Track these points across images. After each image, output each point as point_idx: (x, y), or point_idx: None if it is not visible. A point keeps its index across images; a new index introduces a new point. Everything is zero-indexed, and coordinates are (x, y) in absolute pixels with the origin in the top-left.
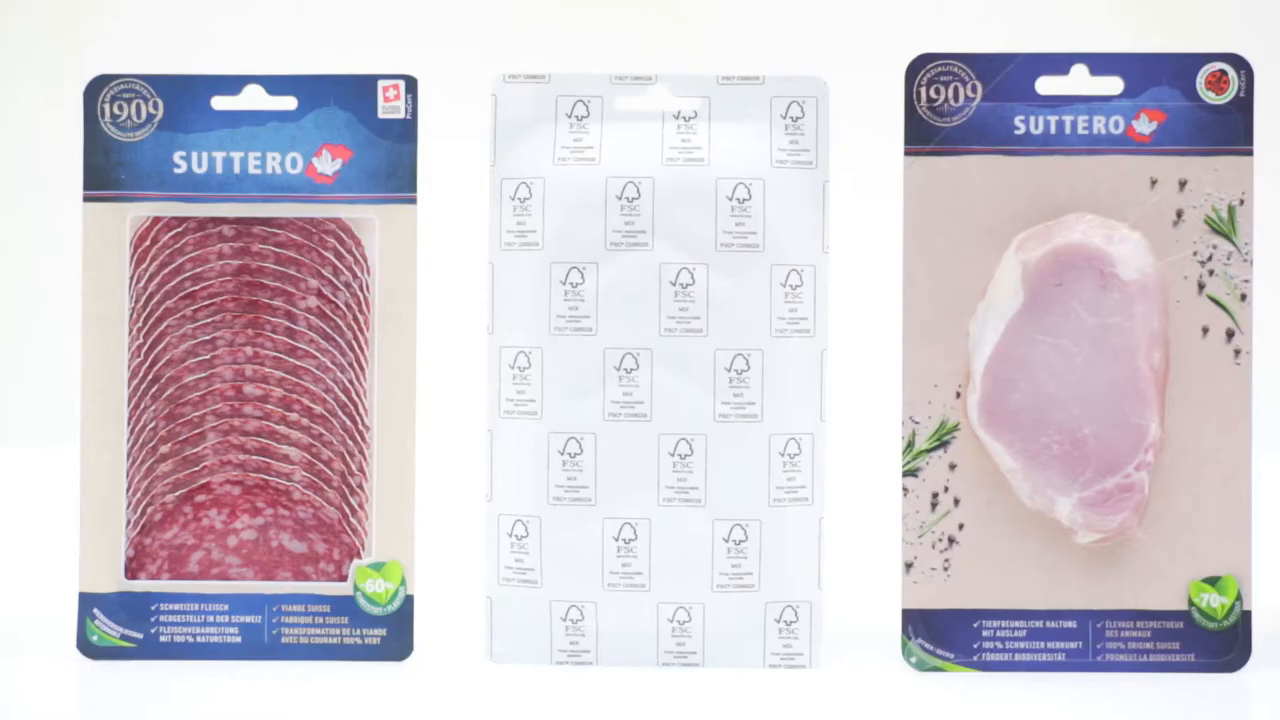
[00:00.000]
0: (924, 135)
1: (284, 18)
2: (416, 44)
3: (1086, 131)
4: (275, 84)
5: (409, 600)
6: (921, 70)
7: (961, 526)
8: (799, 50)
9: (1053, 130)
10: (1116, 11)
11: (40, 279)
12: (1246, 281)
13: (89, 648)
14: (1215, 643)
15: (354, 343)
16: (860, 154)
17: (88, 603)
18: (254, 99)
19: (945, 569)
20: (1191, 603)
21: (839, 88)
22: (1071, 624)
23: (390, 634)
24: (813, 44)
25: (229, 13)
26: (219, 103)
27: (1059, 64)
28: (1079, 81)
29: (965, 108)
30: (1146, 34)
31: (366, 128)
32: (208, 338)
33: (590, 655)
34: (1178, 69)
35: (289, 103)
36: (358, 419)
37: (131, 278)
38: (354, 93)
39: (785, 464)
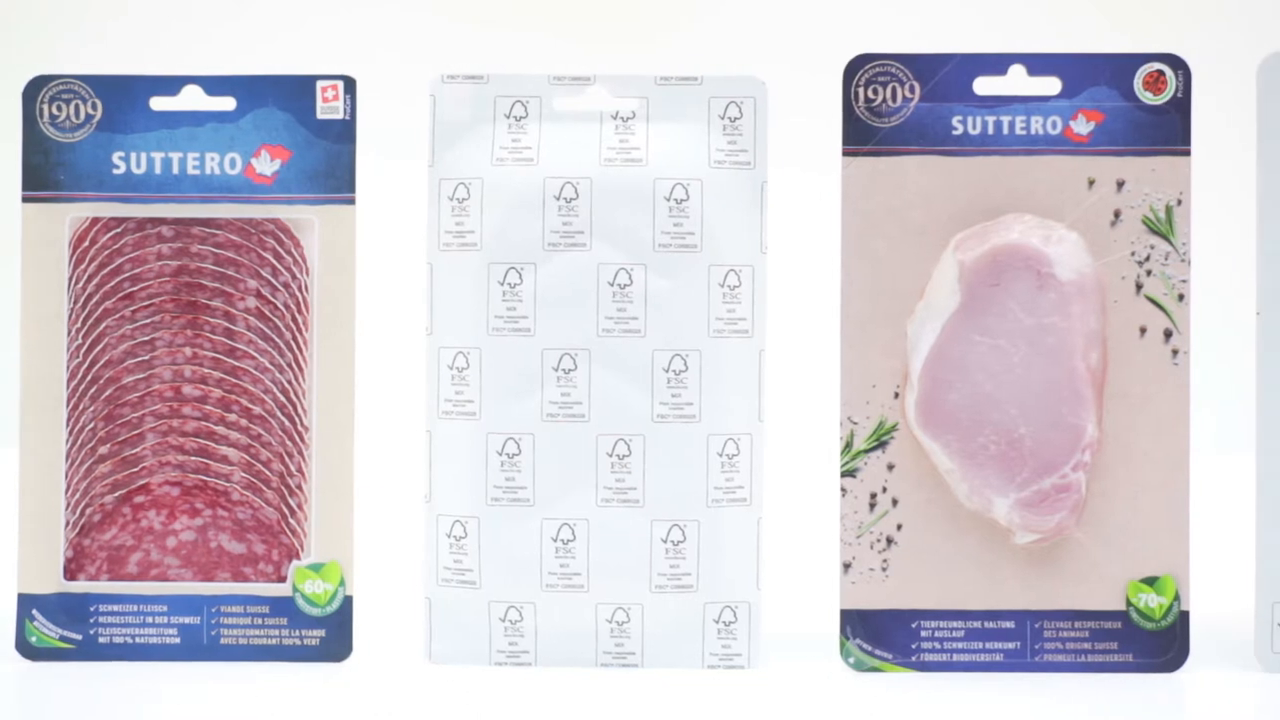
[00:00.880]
0: (862, 136)
1: (222, 18)
2: (355, 45)
3: (1024, 132)
4: (214, 84)
5: (348, 601)
6: (859, 71)
7: (900, 527)
8: (737, 51)
9: (990, 131)
10: (1054, 12)
11: None
12: (1184, 282)
13: (28, 649)
14: (1153, 643)
15: (293, 343)
16: (798, 154)
17: (26, 604)
18: (193, 99)
19: (883, 569)
20: (1129, 603)
21: (777, 88)
22: (1010, 624)
23: (329, 635)
24: (751, 44)
25: (167, 13)
26: (158, 103)
27: (997, 64)
28: (1017, 82)
29: (903, 108)
30: (1084, 34)
31: (305, 128)
32: (146, 338)
33: (529, 656)
34: (1115, 69)
35: (228, 103)
36: (297, 419)
37: (70, 278)
38: (292, 93)
39: (723, 464)
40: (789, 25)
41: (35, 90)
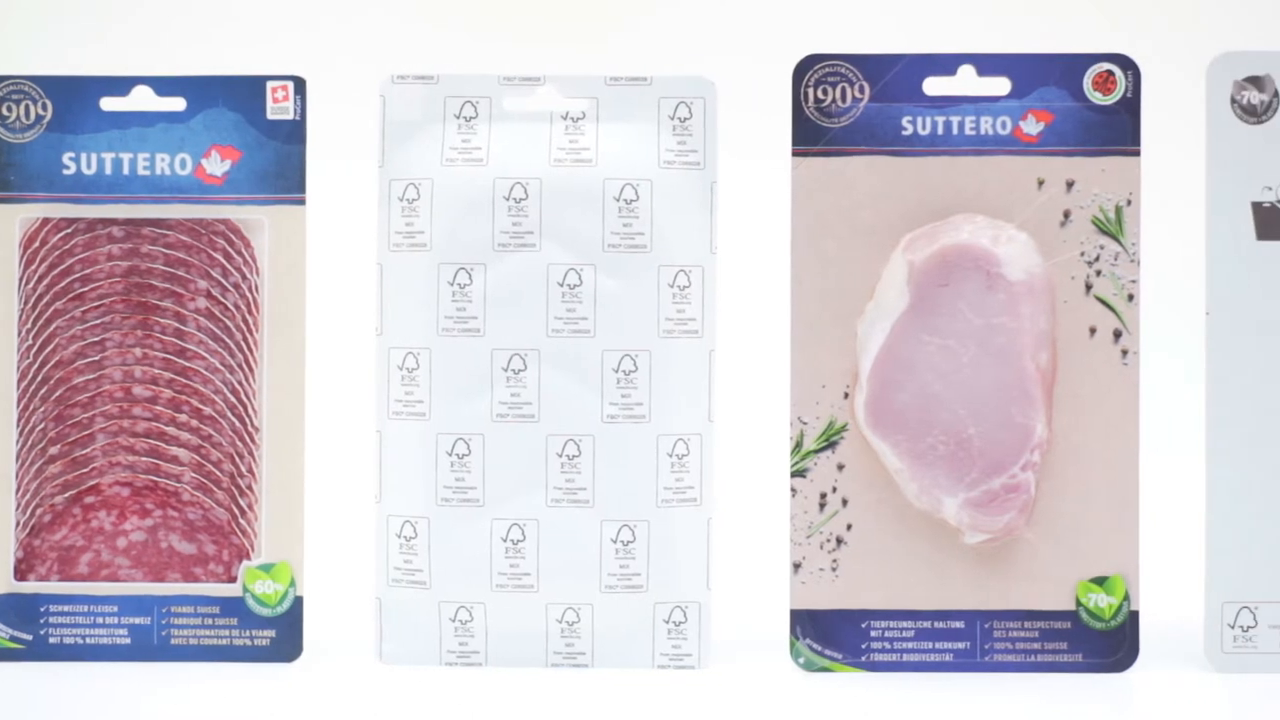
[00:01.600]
0: (812, 136)
1: (172, 19)
2: (305, 45)
3: (974, 132)
4: (164, 85)
5: (298, 601)
6: (809, 71)
7: (850, 527)
8: (686, 51)
9: (940, 131)
10: (1003, 12)
11: None
12: (1134, 282)
13: None
14: (1103, 642)
15: (243, 344)
16: (748, 154)
17: None
18: (143, 100)
19: (833, 569)
20: (1079, 603)
21: (726, 88)
22: (959, 624)
23: (279, 635)
24: (700, 45)
25: (117, 13)
26: (108, 104)
27: (946, 65)
28: (966, 82)
29: (853, 108)
30: (1034, 35)
31: (255, 129)
32: (97, 339)
33: (479, 656)
34: (1065, 70)
35: (178, 104)
36: (247, 420)
37: (20, 279)
38: (243, 94)
39: (673, 464)
40: (738, 25)
41: None
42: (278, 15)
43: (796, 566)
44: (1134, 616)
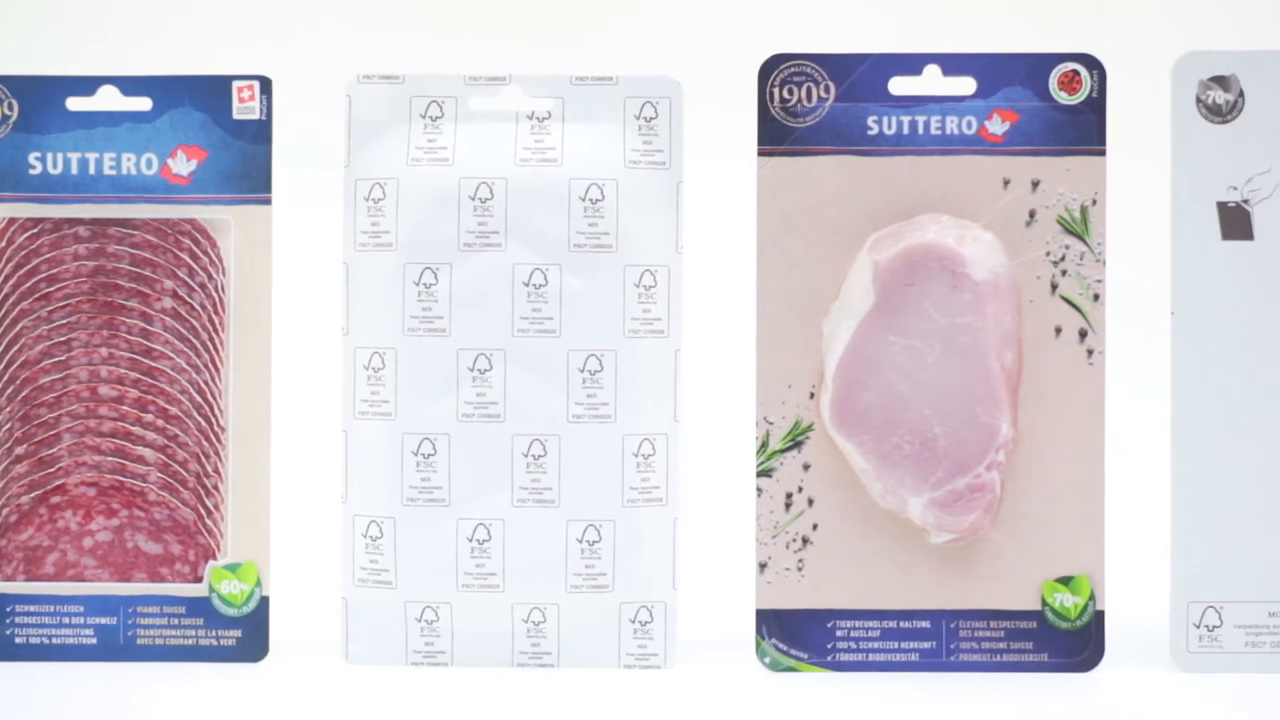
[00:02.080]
0: (777, 136)
1: (138, 18)
2: (271, 45)
3: (939, 132)
4: (130, 85)
5: (264, 601)
6: (774, 71)
7: (815, 527)
8: (652, 51)
9: (906, 131)
10: (969, 12)
11: None
12: (1099, 281)
13: None
14: (1068, 642)
15: (209, 343)
16: (714, 154)
17: None
18: (109, 100)
19: (799, 569)
20: (1045, 602)
21: (692, 88)
22: (925, 624)
23: (245, 635)
24: (666, 44)
25: (84, 13)
26: (74, 104)
27: (912, 64)
28: (932, 82)
29: (818, 108)
30: (999, 34)
31: (221, 128)
32: (63, 339)
33: (445, 656)
34: (1030, 69)
35: (144, 103)
36: (213, 420)
37: None
38: (209, 93)
39: (639, 464)
40: (704, 25)
41: None
42: (244, 15)
43: (762, 566)
44: (1099, 616)
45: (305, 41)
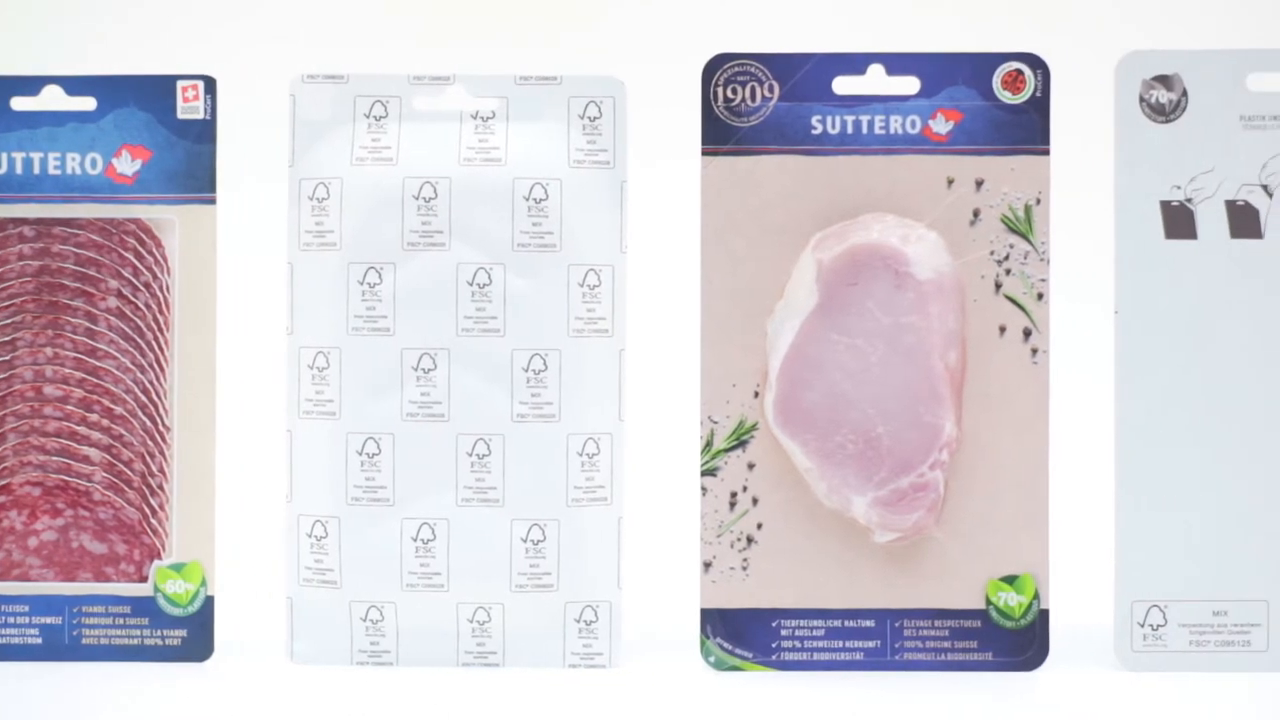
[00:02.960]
0: (721, 135)
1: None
2: (215, 44)
3: (883, 131)
4: (74, 85)
5: (209, 601)
6: (718, 70)
7: (760, 526)
8: (596, 50)
9: (850, 130)
10: (912, 11)
11: None
12: (1043, 281)
13: None
14: (1013, 641)
15: (154, 343)
16: (658, 154)
17: None
18: (53, 100)
19: (744, 568)
20: (989, 601)
21: (636, 87)
22: (870, 623)
23: (191, 635)
24: (610, 44)
25: (27, 12)
26: (18, 103)
27: (856, 64)
28: (876, 81)
29: (762, 108)
30: (943, 34)
31: (166, 128)
32: (7, 338)
33: (390, 655)
34: (974, 69)
35: (88, 103)
36: (158, 419)
37: None
38: (153, 93)
39: (584, 464)
40: (648, 24)
41: None
42: (188, 15)
43: (707, 565)
44: (1044, 615)
45: (249, 41)
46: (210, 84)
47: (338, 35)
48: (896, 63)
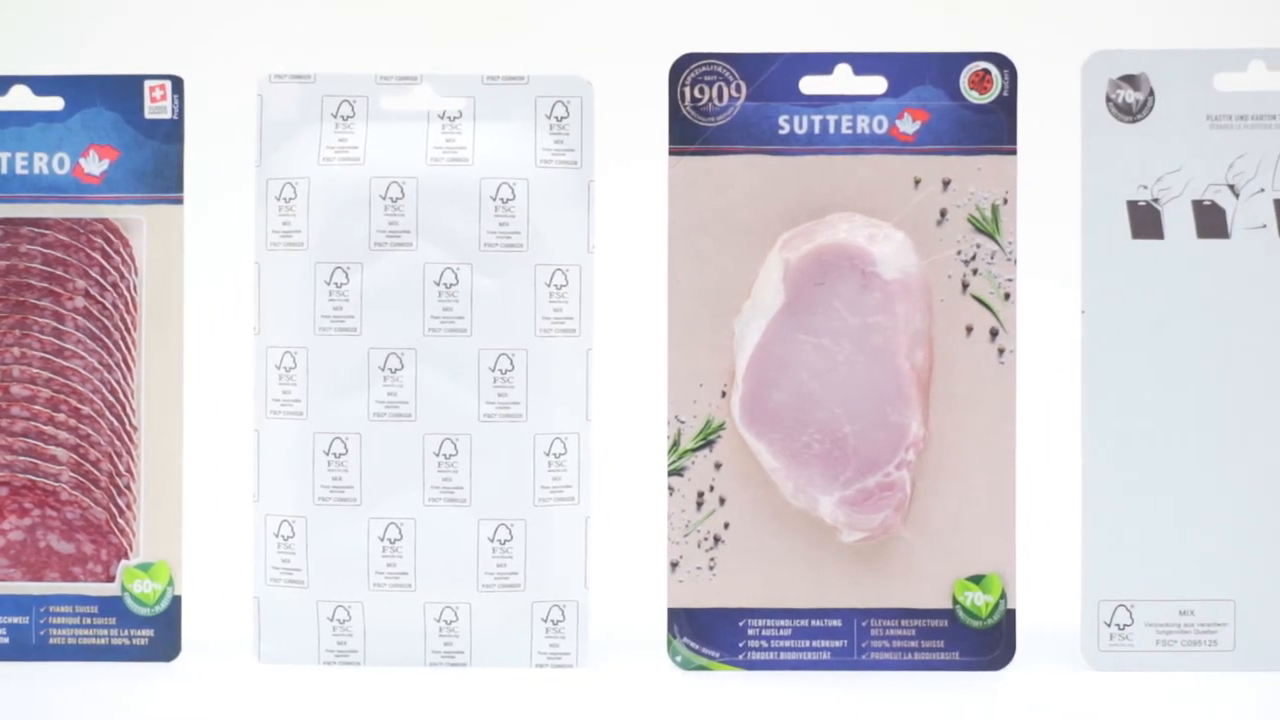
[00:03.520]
0: (688, 135)
1: (49, 17)
2: (182, 44)
3: (850, 131)
4: (41, 84)
5: (176, 601)
6: (685, 70)
7: (727, 525)
8: (563, 50)
9: (817, 130)
10: (879, 10)
11: None
12: (1010, 280)
13: None
14: (979, 641)
15: (121, 343)
16: (625, 154)
17: None
18: (20, 99)
19: (711, 568)
20: (956, 601)
21: (603, 87)
22: (837, 623)
23: (158, 634)
24: (577, 44)
25: None
26: None
27: (822, 64)
28: (843, 81)
29: (729, 107)
30: (910, 33)
31: (133, 128)
32: None
33: (358, 655)
34: (941, 68)
35: (56, 103)
36: (125, 419)
37: None
38: (120, 93)
39: (550, 463)
40: (615, 24)
41: None
42: (155, 14)
43: (674, 565)
44: (1011, 615)
45: (217, 41)
46: (178, 84)
47: (305, 35)
48: (863, 62)
